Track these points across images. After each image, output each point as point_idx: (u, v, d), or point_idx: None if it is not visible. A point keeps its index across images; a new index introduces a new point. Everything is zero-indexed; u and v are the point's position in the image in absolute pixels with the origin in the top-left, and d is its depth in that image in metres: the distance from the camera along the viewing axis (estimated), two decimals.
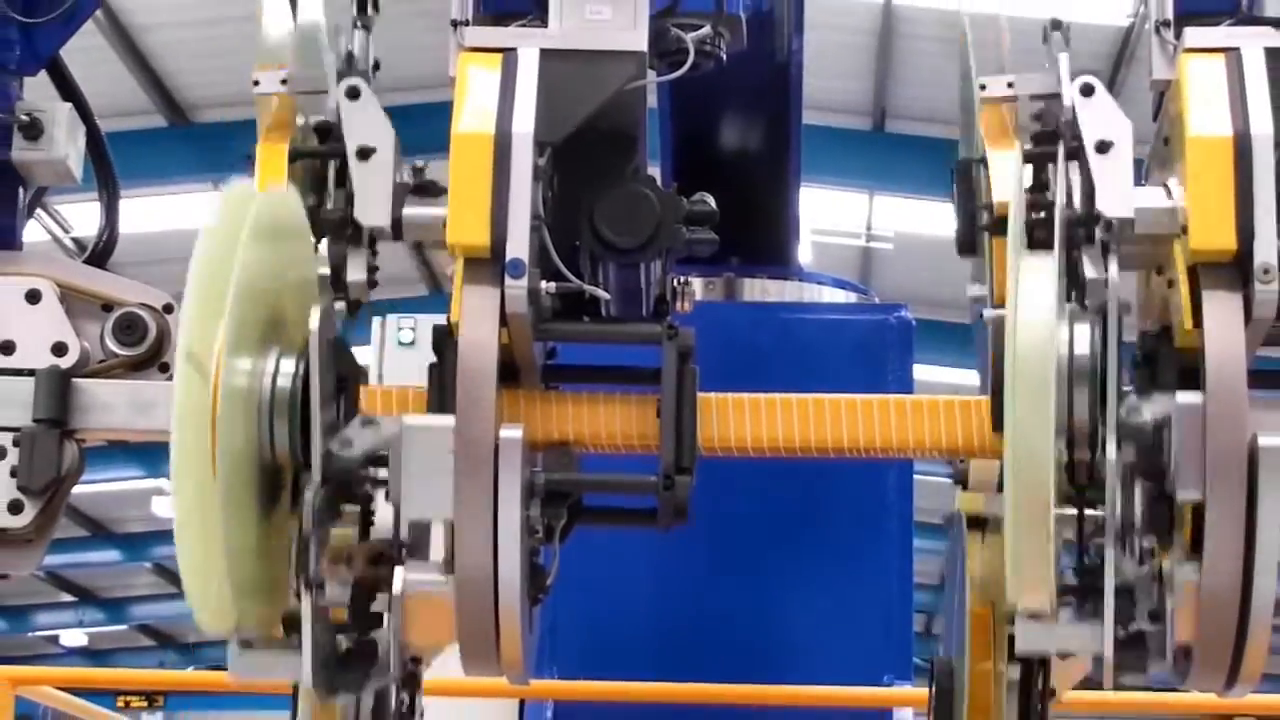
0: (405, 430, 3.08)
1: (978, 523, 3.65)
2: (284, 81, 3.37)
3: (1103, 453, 3.02)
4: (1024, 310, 2.99)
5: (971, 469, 3.75)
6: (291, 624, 3.05)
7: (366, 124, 3.27)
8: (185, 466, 2.88)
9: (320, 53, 3.44)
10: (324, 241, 3.35)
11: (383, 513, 3.20)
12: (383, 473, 3.12)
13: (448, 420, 3.07)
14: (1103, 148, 3.18)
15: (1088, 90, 3.22)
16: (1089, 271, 3.19)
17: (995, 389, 3.07)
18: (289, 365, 3.09)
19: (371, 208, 3.27)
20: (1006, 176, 3.23)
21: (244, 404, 3.00)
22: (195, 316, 2.93)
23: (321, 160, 3.37)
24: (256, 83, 3.38)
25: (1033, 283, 3.03)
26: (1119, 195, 3.16)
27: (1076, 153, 3.24)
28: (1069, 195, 3.22)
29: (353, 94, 3.27)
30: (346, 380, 3.17)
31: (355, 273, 3.33)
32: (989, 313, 3.33)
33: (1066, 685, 3.59)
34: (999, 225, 3.28)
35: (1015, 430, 2.92)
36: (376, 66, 3.47)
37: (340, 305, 3.35)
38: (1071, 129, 3.25)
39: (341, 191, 3.35)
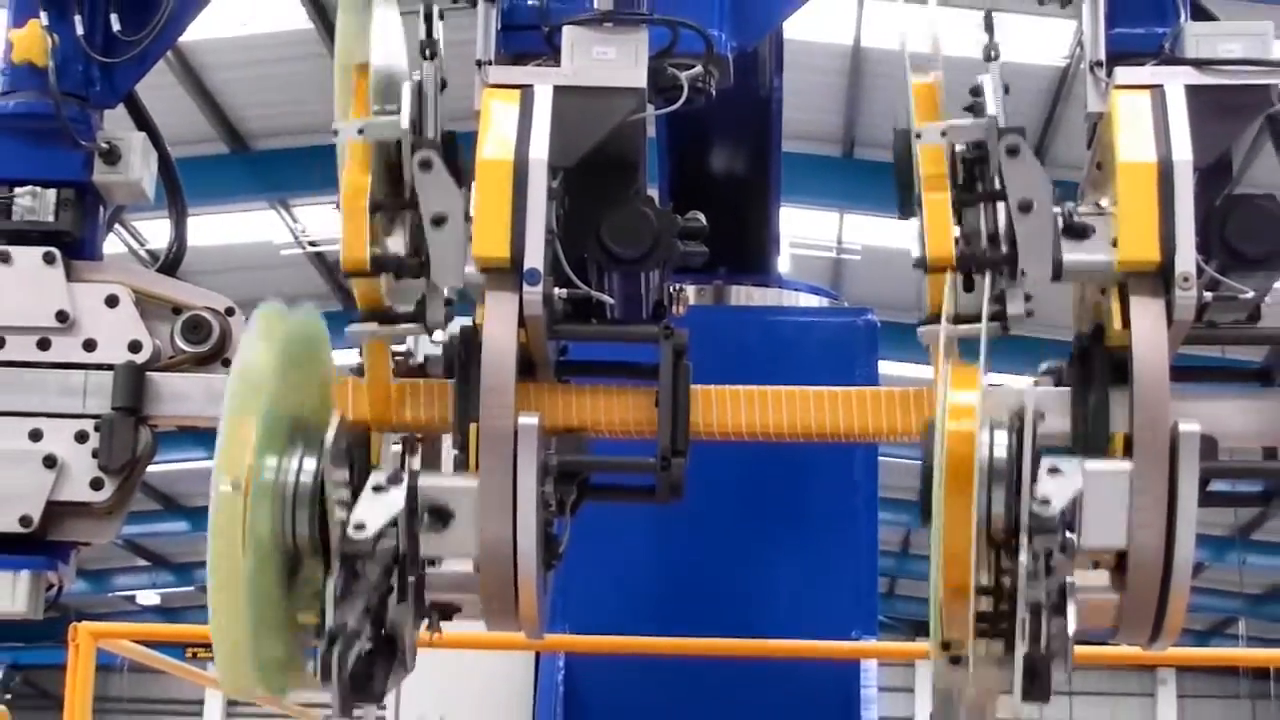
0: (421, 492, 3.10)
1: None
2: (361, 131, 3.23)
3: (1015, 544, 2.98)
4: (951, 423, 3.00)
5: None
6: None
7: (438, 193, 3.17)
8: (219, 565, 2.91)
9: (396, 90, 3.30)
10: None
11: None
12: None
13: (473, 481, 3.09)
14: (1025, 207, 3.15)
15: (1013, 150, 3.16)
16: (1011, 307, 3.17)
17: (925, 482, 3.05)
18: (310, 464, 3.07)
19: (446, 273, 3.19)
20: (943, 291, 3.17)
21: (270, 499, 3.01)
22: (231, 431, 2.95)
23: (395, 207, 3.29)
24: (335, 131, 3.24)
25: (960, 397, 3.03)
26: (1038, 255, 3.13)
27: (999, 195, 3.20)
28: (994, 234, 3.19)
29: (425, 165, 3.16)
30: (356, 461, 3.17)
31: (434, 313, 3.24)
32: (922, 329, 3.30)
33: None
34: (933, 267, 3.24)
35: (942, 530, 2.96)
36: (444, 86, 3.36)
37: (418, 325, 3.27)
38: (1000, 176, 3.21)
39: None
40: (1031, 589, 2.93)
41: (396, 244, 3.21)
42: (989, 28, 3.33)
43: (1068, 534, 3.00)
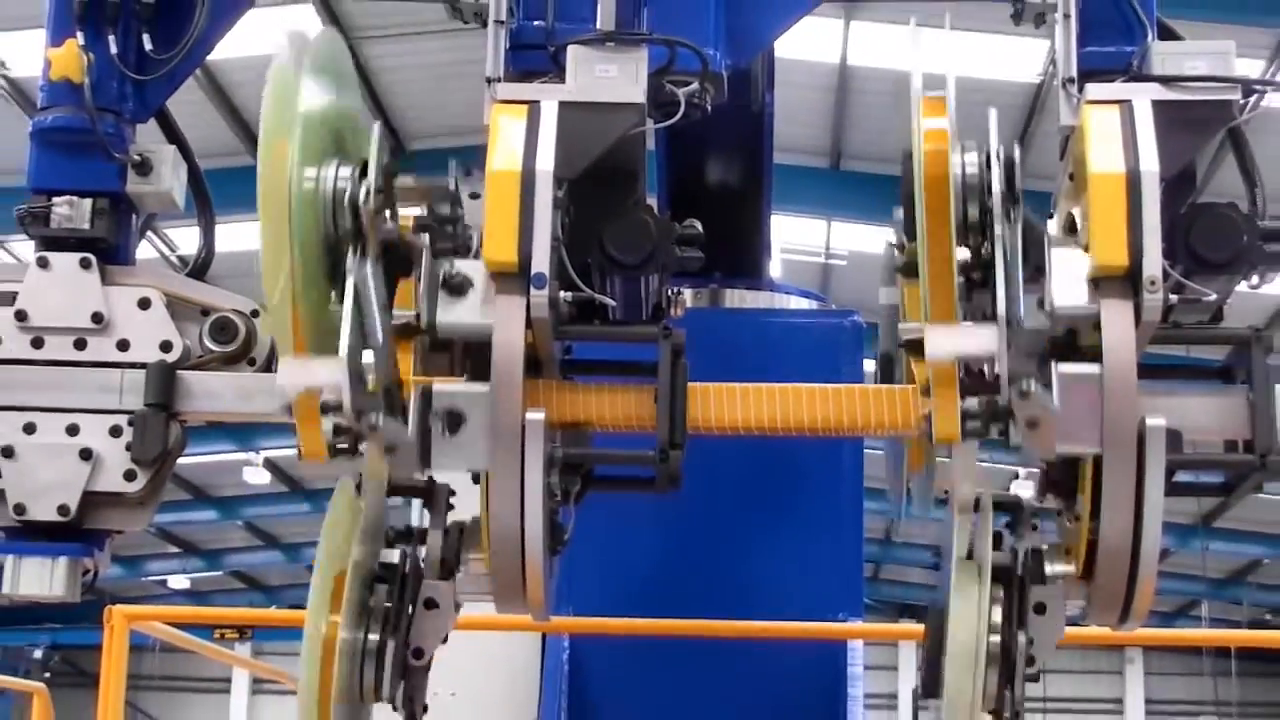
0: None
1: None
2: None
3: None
4: (957, 625, 3.15)
5: None
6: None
7: (392, 429, 3.09)
8: (271, 241, 2.99)
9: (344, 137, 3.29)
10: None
11: None
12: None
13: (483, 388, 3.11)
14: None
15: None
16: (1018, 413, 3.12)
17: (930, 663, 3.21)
18: (346, 171, 3.11)
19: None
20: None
21: (313, 196, 3.06)
22: (271, 137, 2.99)
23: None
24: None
25: (966, 606, 3.17)
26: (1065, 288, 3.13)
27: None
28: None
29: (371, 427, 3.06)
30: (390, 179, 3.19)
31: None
32: (903, 325, 3.32)
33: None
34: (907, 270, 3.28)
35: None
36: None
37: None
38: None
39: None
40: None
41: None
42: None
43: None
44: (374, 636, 3.24)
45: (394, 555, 3.36)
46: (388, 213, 3.13)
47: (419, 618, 3.32)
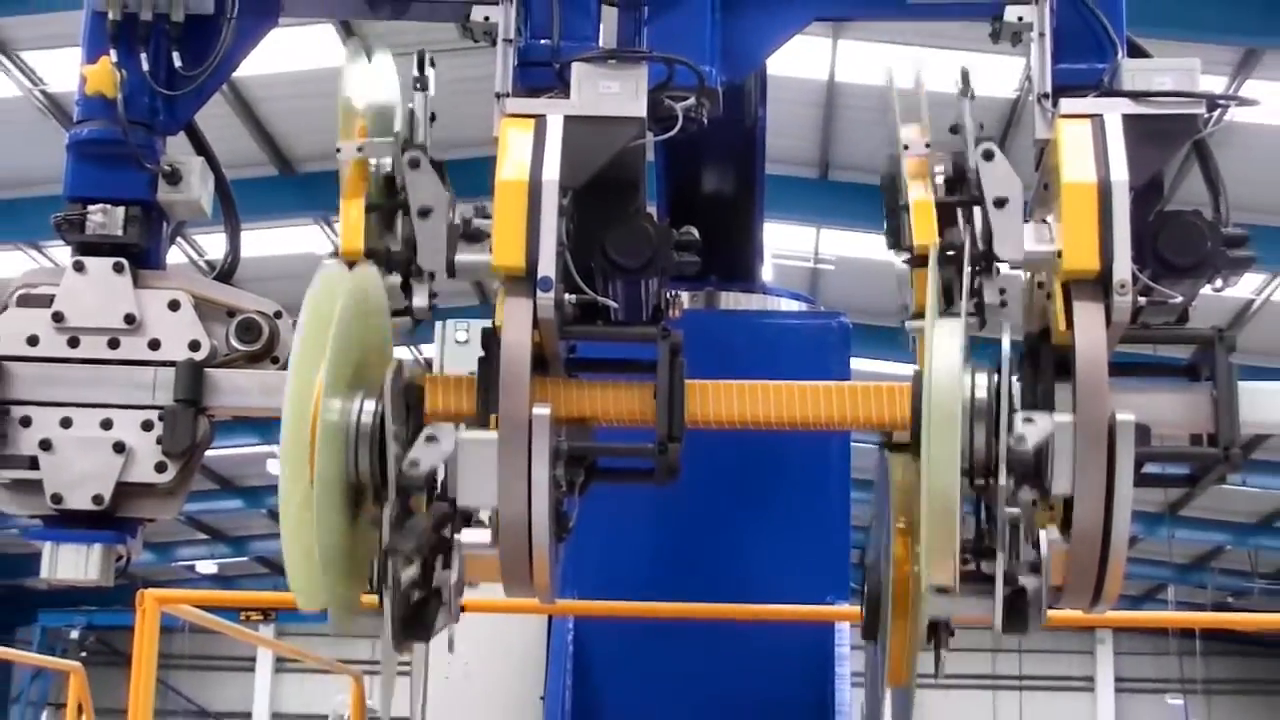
0: (460, 443, 3.08)
1: (899, 446, 3.59)
2: (360, 149, 3.33)
3: (996, 477, 3.02)
4: (938, 368, 3.00)
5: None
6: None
7: (425, 188, 3.24)
8: (290, 489, 2.87)
9: (390, 122, 3.40)
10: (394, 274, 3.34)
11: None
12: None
13: (491, 435, 3.08)
14: (1000, 203, 3.19)
15: (989, 155, 3.21)
16: (987, 296, 3.20)
17: (914, 425, 3.07)
18: (370, 406, 3.07)
19: (431, 256, 3.26)
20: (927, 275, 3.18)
21: (335, 436, 2.99)
22: (300, 370, 2.92)
23: (390, 210, 3.35)
24: (339, 150, 3.33)
25: (944, 344, 3.04)
26: (1013, 243, 3.18)
27: (978, 200, 3.23)
28: (973, 239, 3.21)
29: (414, 164, 3.25)
30: (412, 408, 3.16)
31: (419, 299, 3.33)
32: (910, 323, 3.33)
33: None
34: (918, 260, 3.28)
35: (930, 463, 2.94)
36: (433, 118, 3.43)
37: (408, 320, 3.34)
38: (975, 184, 3.24)
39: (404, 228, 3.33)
40: (1009, 509, 2.95)
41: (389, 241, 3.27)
42: (965, 78, 3.38)
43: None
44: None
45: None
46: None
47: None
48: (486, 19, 3.49)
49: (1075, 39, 3.50)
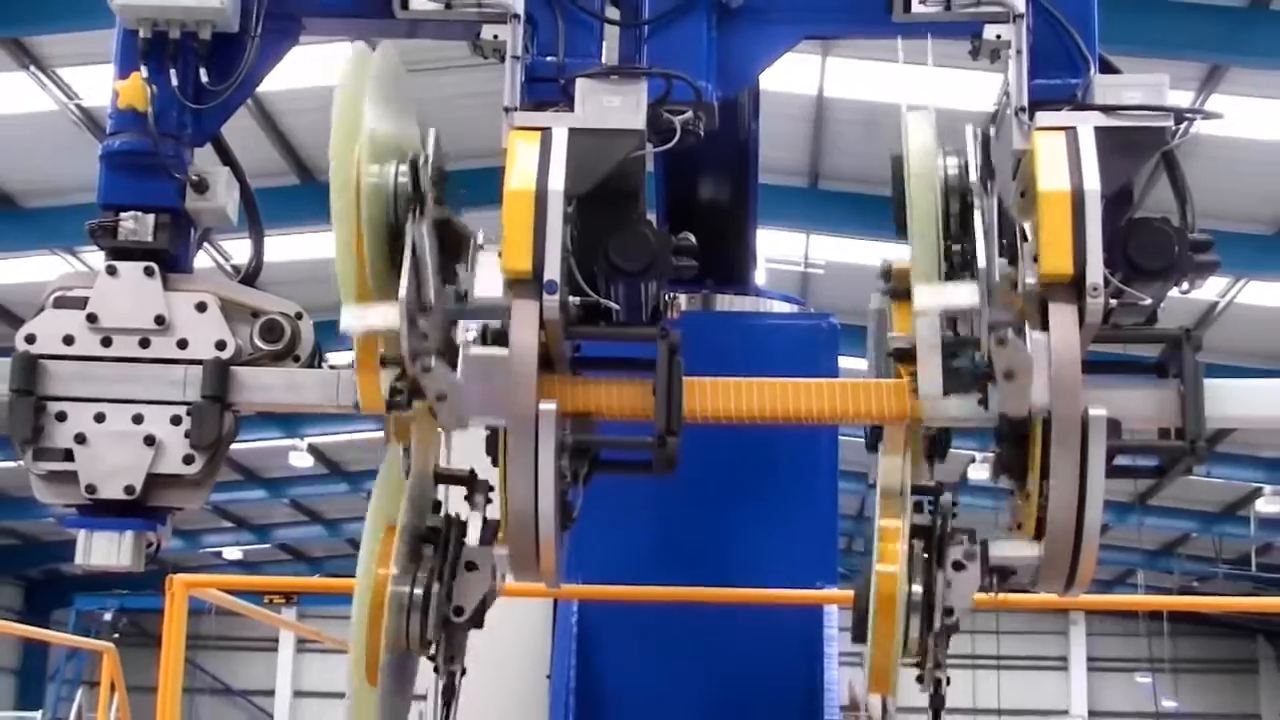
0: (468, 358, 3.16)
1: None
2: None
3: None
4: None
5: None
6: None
7: (440, 380, 3.12)
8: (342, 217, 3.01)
9: (391, 156, 3.30)
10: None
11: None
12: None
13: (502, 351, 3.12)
14: (1009, 376, 3.11)
15: (1001, 341, 3.13)
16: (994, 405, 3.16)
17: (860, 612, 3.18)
18: (405, 168, 3.15)
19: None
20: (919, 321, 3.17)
21: (378, 193, 3.10)
22: (341, 139, 3.06)
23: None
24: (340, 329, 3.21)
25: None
26: (1018, 406, 3.12)
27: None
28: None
29: (425, 369, 3.12)
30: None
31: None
32: (893, 336, 3.33)
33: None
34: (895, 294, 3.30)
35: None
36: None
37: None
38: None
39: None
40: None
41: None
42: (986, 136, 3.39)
43: None
44: (419, 591, 3.22)
45: (438, 520, 3.35)
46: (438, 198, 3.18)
47: (460, 578, 3.30)
48: (496, 37, 3.49)
49: (1050, 56, 3.49)
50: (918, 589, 3.16)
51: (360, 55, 3.17)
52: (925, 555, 3.21)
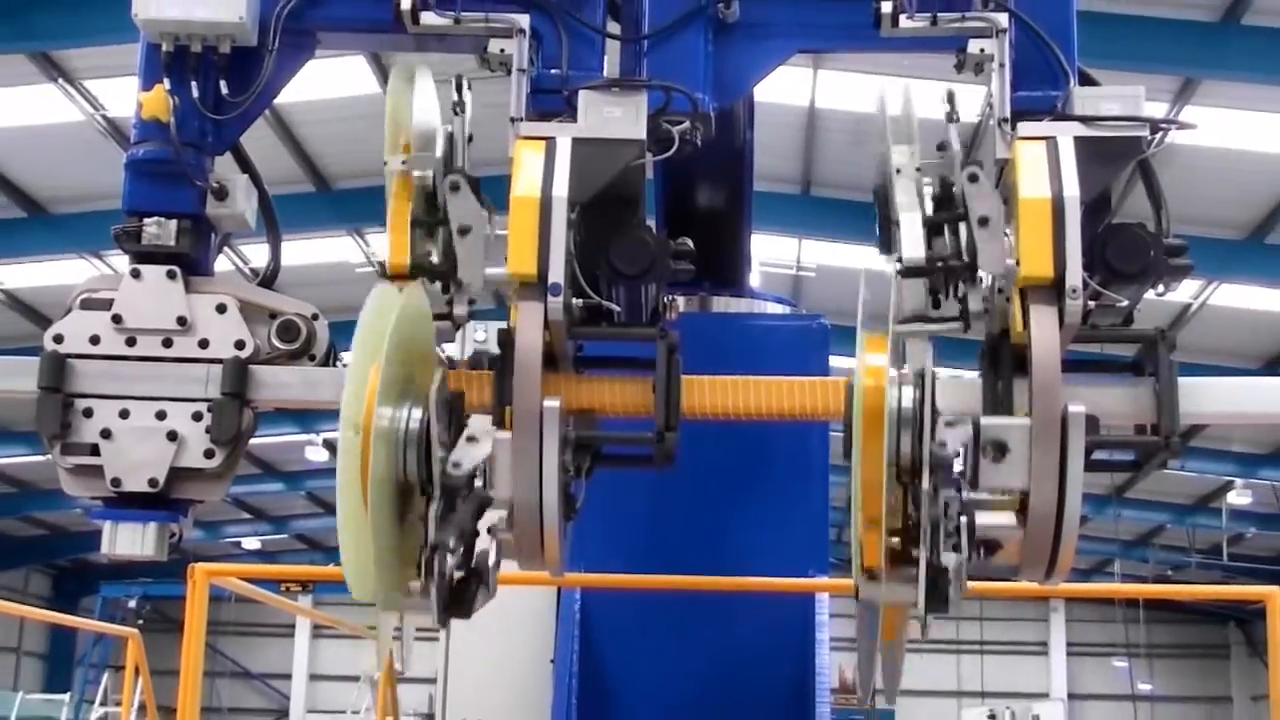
0: (498, 442, 3.07)
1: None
2: (404, 162, 3.32)
3: (918, 480, 2.95)
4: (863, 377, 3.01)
5: None
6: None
7: (465, 209, 3.22)
8: (346, 490, 2.87)
9: (430, 141, 3.37)
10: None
11: None
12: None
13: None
14: (983, 222, 3.16)
15: (973, 178, 3.19)
16: (971, 304, 3.18)
17: (847, 427, 3.06)
18: (418, 413, 3.04)
19: (470, 270, 3.25)
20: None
21: (386, 442, 2.97)
22: (354, 386, 2.93)
23: (431, 224, 3.33)
24: (386, 163, 3.34)
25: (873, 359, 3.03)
26: (994, 258, 3.16)
27: (962, 217, 3.21)
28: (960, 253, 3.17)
29: (454, 187, 3.23)
30: (454, 413, 3.11)
31: (460, 307, 3.31)
32: (896, 328, 3.31)
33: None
34: (909, 271, 3.25)
35: (858, 459, 2.96)
36: (470, 139, 3.42)
37: (448, 325, 3.32)
38: (961, 202, 3.22)
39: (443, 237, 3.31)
40: (931, 509, 2.89)
41: (431, 254, 3.25)
42: (950, 100, 3.38)
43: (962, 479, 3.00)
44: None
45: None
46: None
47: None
48: (502, 51, 3.49)
49: (1031, 69, 3.49)
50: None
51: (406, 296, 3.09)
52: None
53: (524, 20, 3.47)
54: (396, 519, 3.01)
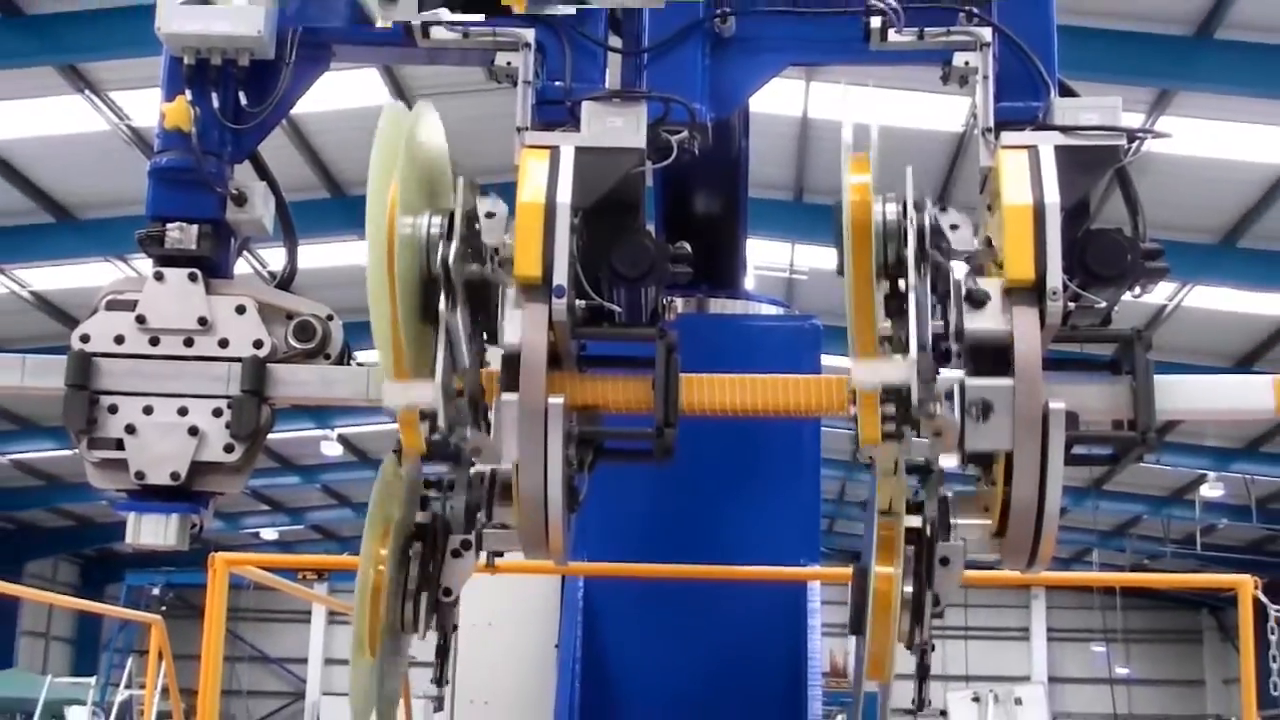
0: (502, 405, 3.07)
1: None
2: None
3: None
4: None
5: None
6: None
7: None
8: (377, 285, 2.96)
9: (438, 190, 3.32)
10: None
11: None
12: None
13: None
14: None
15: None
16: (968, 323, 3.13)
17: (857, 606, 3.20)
18: (438, 219, 3.12)
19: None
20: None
21: (411, 242, 3.07)
22: (376, 192, 3.02)
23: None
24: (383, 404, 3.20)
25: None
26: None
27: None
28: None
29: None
30: (471, 224, 3.19)
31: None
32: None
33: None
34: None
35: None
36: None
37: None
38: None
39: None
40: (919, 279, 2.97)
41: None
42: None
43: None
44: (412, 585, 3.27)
45: (426, 517, 3.39)
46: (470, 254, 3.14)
47: (448, 565, 3.32)
48: (509, 64, 3.49)
49: (1014, 81, 3.49)
50: (908, 589, 3.17)
51: (393, 112, 3.14)
52: (915, 553, 3.21)
53: (530, 35, 3.46)
54: (419, 308, 3.07)
